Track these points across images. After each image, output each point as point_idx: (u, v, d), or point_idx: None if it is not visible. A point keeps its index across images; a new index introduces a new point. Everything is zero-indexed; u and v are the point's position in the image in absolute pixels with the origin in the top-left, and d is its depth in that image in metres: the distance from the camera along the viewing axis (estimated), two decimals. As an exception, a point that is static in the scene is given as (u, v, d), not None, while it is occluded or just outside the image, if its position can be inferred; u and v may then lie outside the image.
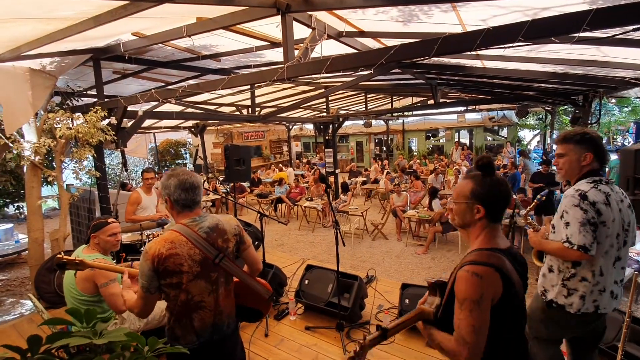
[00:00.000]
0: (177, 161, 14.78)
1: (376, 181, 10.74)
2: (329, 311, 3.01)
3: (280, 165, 14.01)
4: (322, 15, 2.84)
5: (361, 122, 12.75)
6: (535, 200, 2.32)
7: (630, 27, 1.48)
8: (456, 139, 15.47)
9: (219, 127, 13.08)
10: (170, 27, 3.26)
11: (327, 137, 9.31)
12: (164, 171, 13.76)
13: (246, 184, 11.02)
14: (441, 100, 7.48)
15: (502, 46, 1.78)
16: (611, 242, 1.80)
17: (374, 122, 17.08)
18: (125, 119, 4.49)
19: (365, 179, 11.62)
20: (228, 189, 10.41)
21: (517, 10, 2.23)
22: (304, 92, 8.11)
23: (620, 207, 1.82)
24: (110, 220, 2.38)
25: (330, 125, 9.25)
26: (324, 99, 8.95)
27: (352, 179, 11.79)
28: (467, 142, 16.09)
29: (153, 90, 3.65)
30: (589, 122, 5.42)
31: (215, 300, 1.60)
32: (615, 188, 1.87)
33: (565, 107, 7.80)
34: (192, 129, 11.50)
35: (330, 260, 6.07)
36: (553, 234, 1.93)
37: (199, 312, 1.56)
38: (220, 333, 1.63)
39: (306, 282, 3.29)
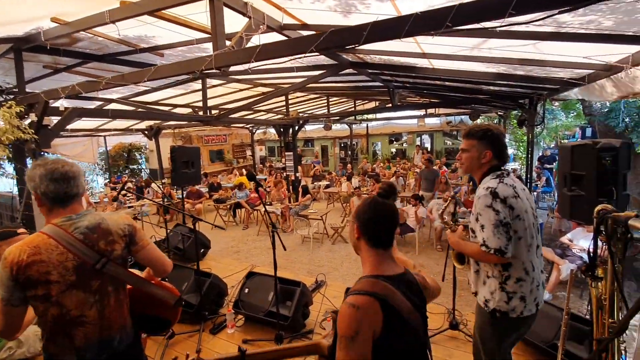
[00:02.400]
0: (132, 166, 13.91)
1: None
2: (270, 321, 2.79)
3: (243, 169, 13.60)
4: (260, 4, 2.66)
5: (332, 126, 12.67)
6: (450, 199, 2.28)
7: (556, 11, 1.41)
8: (418, 143, 15.84)
9: (175, 130, 12.46)
10: (93, 13, 2.94)
11: (287, 140, 9.10)
12: (117, 177, 12.90)
13: (205, 189, 10.55)
14: (398, 103, 7.54)
15: (432, 33, 1.67)
16: (531, 233, 1.80)
17: (338, 126, 17.13)
18: (52, 117, 4.04)
19: (328, 182, 11.53)
20: (183, 195, 9.90)
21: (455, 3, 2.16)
22: (263, 93, 7.88)
23: (527, 195, 1.86)
24: (20, 230, 2.03)
25: (291, 128, 9.06)
26: (284, 102, 8.76)
27: (316, 183, 11.65)
28: (429, 146, 16.54)
29: (75, 84, 3.28)
30: (535, 124, 5.63)
31: (100, 313, 1.34)
32: (516, 178, 1.90)
33: (516, 111, 8.14)
34: (146, 132, 10.85)
35: (288, 267, 5.85)
36: (474, 237, 1.87)
37: (78, 329, 1.29)
38: (110, 350, 1.38)
39: (246, 290, 3.05)
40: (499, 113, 11.02)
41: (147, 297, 1.51)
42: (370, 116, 16.20)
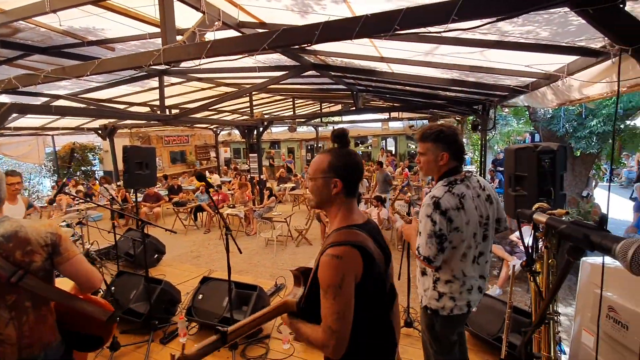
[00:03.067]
0: (83, 168, 13.00)
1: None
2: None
3: (207, 171, 13.19)
4: (215, 0, 2.58)
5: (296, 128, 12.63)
6: (400, 189, 2.36)
7: (494, 19, 1.48)
8: (382, 146, 16.23)
9: (132, 130, 11.83)
10: (32, 1, 2.71)
11: (252, 141, 8.95)
12: (66, 179, 11.99)
13: (164, 192, 10.10)
14: (362, 106, 7.67)
15: (382, 36, 1.69)
16: (468, 244, 1.82)
17: (305, 128, 17.14)
18: None
19: (294, 184, 11.47)
20: (137, 197, 9.40)
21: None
22: (227, 93, 7.69)
23: (477, 203, 1.85)
24: None
25: (255, 129, 8.92)
26: (248, 103, 8.61)
27: (281, 185, 11.55)
28: (393, 149, 17.00)
29: (12, 77, 3.00)
30: (487, 129, 5.96)
31: (19, 330, 1.21)
32: (473, 183, 1.90)
33: (472, 116, 8.60)
34: (100, 131, 10.20)
35: (251, 270, 5.72)
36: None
37: None
38: None
39: (200, 297, 2.92)
40: (457, 118, 11.57)
41: (74, 313, 1.38)
42: (336, 119, 16.37)
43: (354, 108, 7.72)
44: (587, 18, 1.36)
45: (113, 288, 3.06)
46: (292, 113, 10.45)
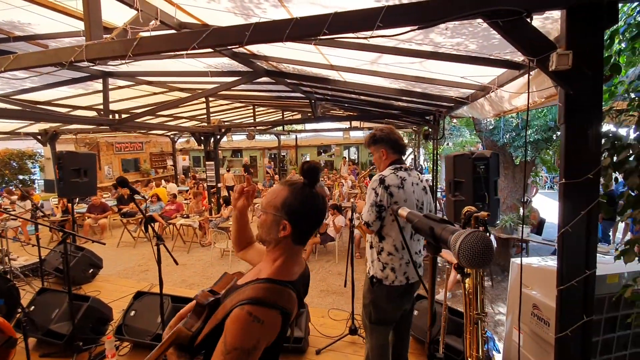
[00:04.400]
0: (21, 176, 11.89)
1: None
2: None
3: (162, 180, 12.59)
4: (151, -2, 2.46)
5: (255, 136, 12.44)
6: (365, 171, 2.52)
7: (415, 27, 1.53)
8: (345, 155, 16.47)
9: (78, 136, 11.05)
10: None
11: (208, 149, 8.67)
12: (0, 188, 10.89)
13: (112, 202, 9.47)
14: (320, 115, 7.73)
15: (312, 40, 1.69)
16: None
17: (267, 136, 16.99)
18: None
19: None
20: (73, 208, 8.73)
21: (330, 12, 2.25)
22: (181, 98, 7.42)
23: (414, 189, 2.20)
24: None
25: (212, 137, 8.66)
26: (204, 109, 8.36)
27: (241, 194, 11.27)
28: (356, 157, 17.31)
29: None
30: (438, 138, 6.22)
31: None
32: (413, 174, 2.26)
33: (426, 127, 9.00)
34: (39, 137, 9.39)
35: (203, 283, 5.47)
36: None
37: None
38: None
39: (132, 313, 2.71)
40: (414, 128, 12.03)
41: None
42: (299, 127, 16.41)
43: (312, 117, 7.75)
44: (499, 30, 1.44)
45: (32, 307, 2.75)
46: (252, 120, 10.30)
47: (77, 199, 9.13)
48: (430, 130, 6.60)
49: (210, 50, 3.49)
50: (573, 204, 1.47)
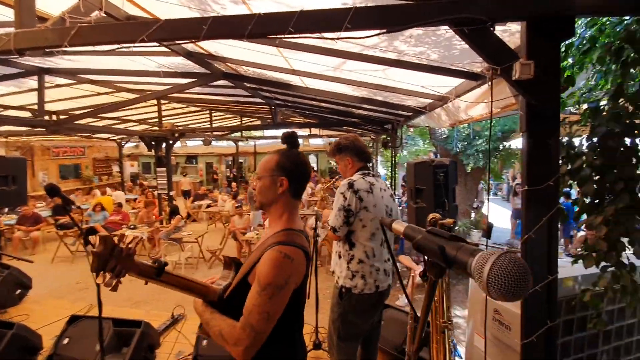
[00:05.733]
0: None
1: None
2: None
3: (107, 188, 11.59)
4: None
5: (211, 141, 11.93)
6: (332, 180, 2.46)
7: (384, 30, 1.49)
8: (304, 162, 16.45)
9: (8, 139, 9.85)
10: None
11: (159, 154, 8.14)
12: None
13: (47, 212, 8.51)
14: (280, 121, 7.61)
15: (275, 40, 1.59)
16: (377, 225, 2.09)
17: (225, 143, 16.45)
18: None
19: (210, 202, 10.77)
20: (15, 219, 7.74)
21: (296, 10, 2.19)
22: (129, 100, 6.88)
23: (383, 194, 2.19)
24: None
25: (165, 142, 8.15)
26: (156, 112, 7.84)
27: (197, 202, 10.73)
28: (315, 165, 17.33)
29: None
30: (396, 146, 6.39)
31: None
32: (380, 180, 2.27)
33: (384, 136, 9.25)
34: (-44, 139, 8.22)
35: (150, 301, 5.04)
36: None
37: None
38: None
39: (66, 341, 2.36)
40: (372, 137, 12.33)
41: None
42: (257, 134, 16.10)
43: (271, 123, 7.60)
44: (465, 38, 1.44)
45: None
46: (209, 125, 9.88)
47: (6, 209, 8.08)
48: (388, 138, 6.76)
49: (163, 48, 3.26)
50: (535, 210, 1.50)
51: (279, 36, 1.54)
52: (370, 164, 2.34)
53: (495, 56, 1.44)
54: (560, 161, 1.72)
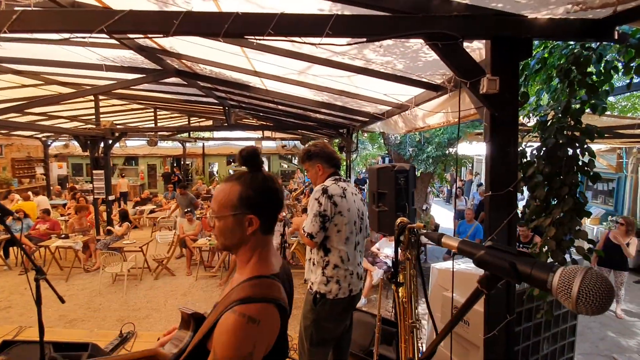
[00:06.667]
0: None
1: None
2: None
3: (30, 192, 10.21)
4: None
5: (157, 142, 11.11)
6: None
7: (363, 39, 1.52)
8: (256, 165, 16.11)
9: None
10: None
11: (96, 155, 7.40)
12: None
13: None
14: (234, 123, 7.38)
15: (253, 41, 1.54)
16: (351, 229, 2.12)
17: (170, 144, 15.50)
18: None
19: (154, 206, 10.05)
20: None
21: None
22: (61, 94, 6.15)
23: (355, 199, 2.22)
24: None
25: (102, 141, 7.43)
26: (92, 108, 7.11)
27: (138, 207, 9.93)
28: (267, 168, 17.07)
29: None
30: (351, 151, 6.55)
31: None
32: (351, 185, 2.28)
33: (338, 139, 9.44)
34: None
35: (89, 319, 4.55)
36: None
37: None
38: None
39: (-8, 373, 2.03)
40: (325, 140, 12.50)
41: None
42: (207, 135, 15.42)
43: (226, 124, 7.33)
44: (437, 51, 1.53)
45: None
46: (153, 125, 9.22)
47: None
48: (344, 142, 6.91)
49: (110, 40, 2.98)
50: (497, 214, 1.63)
51: (257, 38, 1.49)
52: (340, 170, 2.34)
53: (465, 70, 1.55)
54: (515, 168, 1.89)
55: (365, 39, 1.53)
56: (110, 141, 7.53)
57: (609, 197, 8.46)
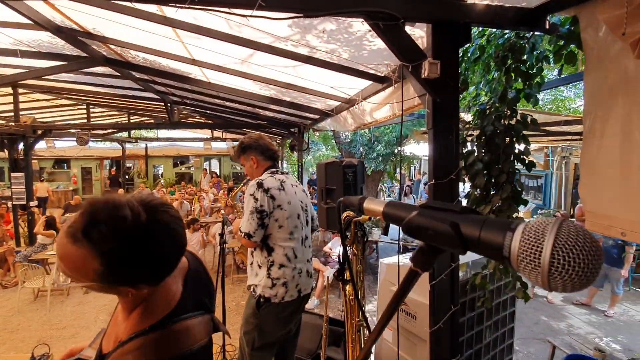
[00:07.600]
0: None
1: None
2: None
3: None
4: None
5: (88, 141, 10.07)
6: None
7: (300, 14, 1.39)
8: (205, 167, 15.37)
9: None
10: None
11: (16, 157, 6.50)
12: None
13: None
14: (177, 120, 6.91)
15: (176, 6, 1.34)
16: (294, 224, 1.99)
17: (108, 144, 14.25)
18: None
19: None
20: None
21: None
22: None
23: (296, 190, 2.09)
24: None
25: (23, 140, 6.55)
26: (11, 103, 6.23)
27: (67, 215, 8.92)
28: (218, 170, 16.38)
29: None
30: (302, 150, 6.43)
31: None
32: (290, 177, 2.17)
33: (290, 139, 9.29)
34: None
35: (5, 341, 3.94)
36: None
37: None
38: None
39: None
40: (277, 141, 12.27)
41: None
42: (151, 135, 14.41)
43: (167, 122, 6.83)
44: (380, 33, 1.45)
45: None
46: (85, 122, 8.35)
47: None
48: (295, 142, 6.78)
49: (22, 19, 2.55)
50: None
51: (177, 5, 1.30)
52: (278, 163, 2.21)
53: (407, 53, 1.49)
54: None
55: (302, 14, 1.40)
56: (31, 140, 6.67)
57: (538, 192, 9.29)
